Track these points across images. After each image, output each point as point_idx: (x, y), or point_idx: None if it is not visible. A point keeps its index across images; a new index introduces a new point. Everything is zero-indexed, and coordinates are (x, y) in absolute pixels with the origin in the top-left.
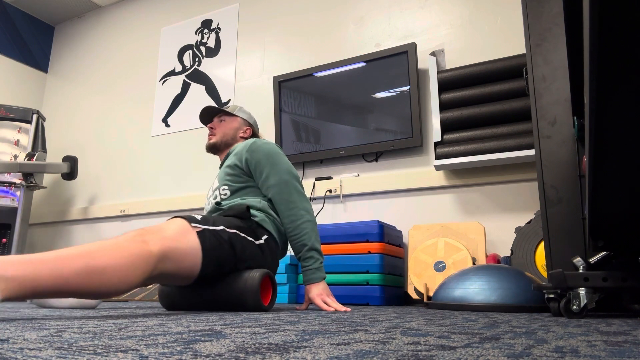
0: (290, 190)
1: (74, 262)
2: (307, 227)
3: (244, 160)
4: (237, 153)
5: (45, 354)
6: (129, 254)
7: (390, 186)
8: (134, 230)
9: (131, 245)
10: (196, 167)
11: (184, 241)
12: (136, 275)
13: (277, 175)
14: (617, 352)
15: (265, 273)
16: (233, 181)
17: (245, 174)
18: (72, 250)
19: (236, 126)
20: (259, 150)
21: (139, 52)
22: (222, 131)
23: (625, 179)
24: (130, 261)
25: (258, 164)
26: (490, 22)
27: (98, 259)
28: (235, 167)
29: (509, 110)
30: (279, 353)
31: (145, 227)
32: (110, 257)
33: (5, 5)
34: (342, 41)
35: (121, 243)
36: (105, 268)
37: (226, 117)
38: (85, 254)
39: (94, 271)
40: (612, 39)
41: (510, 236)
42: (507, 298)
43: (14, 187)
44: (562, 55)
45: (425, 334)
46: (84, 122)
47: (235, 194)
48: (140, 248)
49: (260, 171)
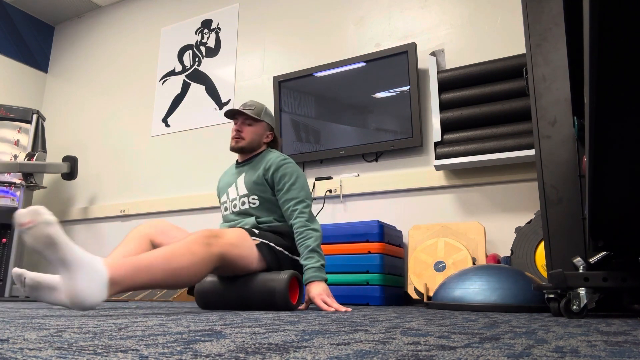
0: (309, 211)
1: (161, 267)
2: (313, 235)
3: (270, 175)
4: (268, 169)
5: (45, 354)
6: (198, 258)
7: (390, 186)
8: (202, 232)
9: (199, 249)
10: (196, 167)
11: (242, 247)
12: (203, 272)
13: (299, 197)
14: (617, 352)
15: (293, 274)
16: (262, 191)
17: (270, 187)
18: (158, 257)
19: (262, 132)
20: (288, 172)
21: (139, 52)
22: (250, 137)
23: (625, 179)
24: (199, 263)
25: (285, 183)
26: (490, 22)
27: (177, 262)
28: (265, 180)
29: (509, 110)
30: (279, 353)
31: (212, 230)
32: (185, 260)
33: (5, 5)
34: (342, 41)
35: (192, 248)
36: (182, 269)
37: (252, 121)
38: (169, 258)
39: (175, 272)
40: (612, 39)
41: (510, 236)
42: (507, 298)
43: (14, 187)
44: (562, 55)
45: (425, 334)
46: (84, 122)
47: (262, 205)
48: (205, 251)
49: (283, 188)
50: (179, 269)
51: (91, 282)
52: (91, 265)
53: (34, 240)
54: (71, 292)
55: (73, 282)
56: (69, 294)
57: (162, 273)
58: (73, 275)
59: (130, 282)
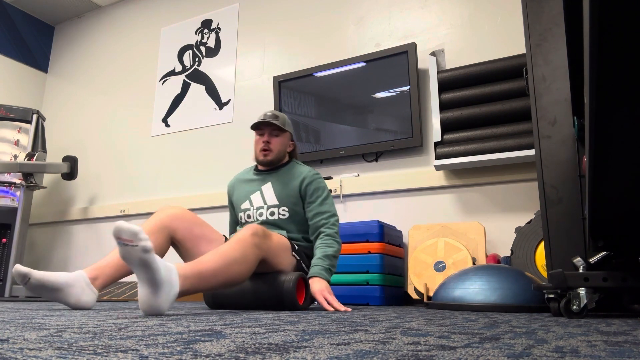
0: (338, 227)
1: (221, 274)
2: (336, 246)
3: (304, 187)
4: (302, 181)
5: (45, 354)
6: (250, 264)
7: (390, 186)
8: (253, 231)
9: (251, 252)
10: (196, 167)
11: (282, 257)
12: (250, 273)
13: (331, 211)
14: (617, 352)
15: (299, 275)
16: (294, 204)
17: (301, 200)
18: (219, 265)
19: (286, 142)
20: (321, 186)
21: (139, 52)
22: (278, 149)
23: (625, 179)
24: (251, 267)
25: (318, 197)
26: (490, 22)
27: (235, 270)
28: (298, 193)
29: (509, 110)
30: (279, 353)
31: (262, 230)
32: (241, 268)
33: (5, 5)
34: (342, 41)
35: (247, 252)
36: (237, 276)
37: (279, 132)
38: (228, 266)
39: (231, 278)
40: (612, 38)
41: (510, 236)
42: (507, 298)
43: (14, 187)
44: (562, 55)
45: (425, 334)
46: (84, 122)
47: (291, 217)
48: (255, 254)
49: (315, 201)
50: (235, 274)
51: (167, 296)
52: (170, 283)
53: (130, 257)
54: (150, 305)
55: (154, 298)
56: (146, 306)
57: (221, 280)
58: (155, 292)
59: (193, 290)
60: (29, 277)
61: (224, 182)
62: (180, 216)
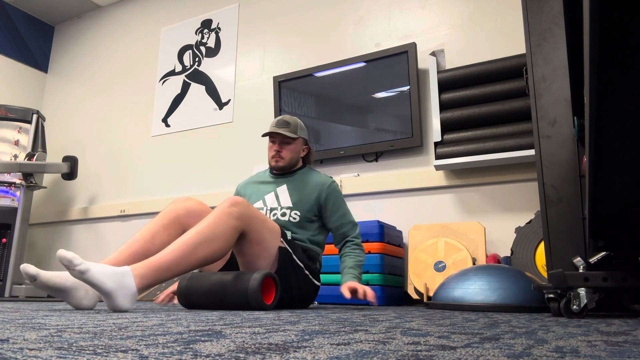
0: (359, 234)
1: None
2: (363, 256)
3: (323, 198)
4: (321, 192)
5: (45, 354)
6: (226, 238)
7: (390, 186)
8: (232, 203)
9: (226, 227)
10: (196, 167)
11: (265, 231)
12: (227, 244)
13: (353, 221)
14: (617, 352)
15: (267, 274)
16: (307, 210)
17: (316, 207)
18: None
19: (299, 149)
20: (339, 196)
21: (139, 52)
22: (289, 156)
23: (625, 179)
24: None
25: (339, 206)
26: (490, 22)
27: (202, 252)
28: (315, 203)
29: (509, 110)
30: (279, 353)
31: (248, 203)
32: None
33: (5, 5)
34: (342, 41)
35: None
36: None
37: (290, 140)
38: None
39: (199, 261)
40: (612, 38)
41: (510, 236)
42: (507, 298)
43: (14, 187)
44: (562, 55)
45: (425, 334)
46: (84, 122)
47: (301, 221)
48: (231, 226)
49: (337, 212)
50: (205, 255)
51: (124, 299)
52: (123, 286)
53: (77, 278)
54: (111, 307)
55: (112, 302)
56: (109, 308)
57: (187, 265)
58: (110, 298)
59: (157, 282)
60: (36, 278)
61: (224, 182)
62: (196, 211)
